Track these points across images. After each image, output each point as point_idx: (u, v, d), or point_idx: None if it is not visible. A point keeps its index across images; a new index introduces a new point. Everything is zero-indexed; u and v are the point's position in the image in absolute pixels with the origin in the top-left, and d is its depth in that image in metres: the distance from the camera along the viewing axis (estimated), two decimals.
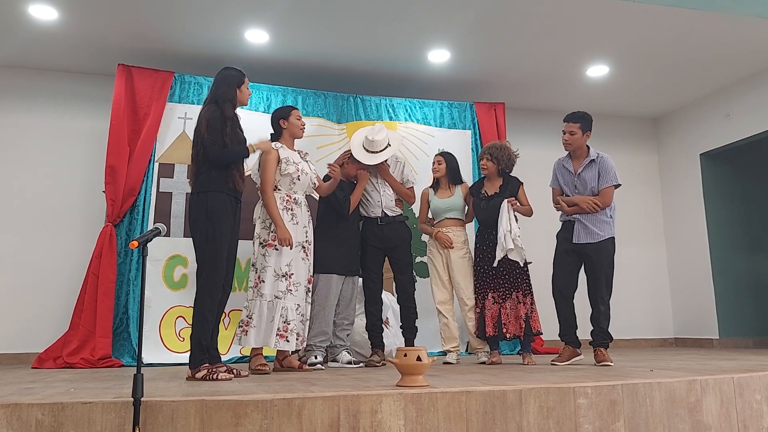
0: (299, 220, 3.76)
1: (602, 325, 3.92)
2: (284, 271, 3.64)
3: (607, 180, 3.98)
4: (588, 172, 4.03)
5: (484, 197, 4.30)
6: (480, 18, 4.78)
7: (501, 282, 4.14)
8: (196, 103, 5.11)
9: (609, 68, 5.76)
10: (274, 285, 3.61)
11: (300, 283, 3.70)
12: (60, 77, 5.47)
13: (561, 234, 4.13)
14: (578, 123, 4.03)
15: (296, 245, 3.71)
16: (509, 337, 4.08)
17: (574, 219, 4.01)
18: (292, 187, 3.79)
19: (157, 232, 2.52)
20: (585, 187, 4.03)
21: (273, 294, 3.60)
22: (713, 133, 6.42)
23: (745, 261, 6.47)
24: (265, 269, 3.62)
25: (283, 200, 3.74)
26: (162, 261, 4.81)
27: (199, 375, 3.11)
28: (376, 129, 4.30)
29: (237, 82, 3.48)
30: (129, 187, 4.84)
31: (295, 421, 2.27)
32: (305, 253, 3.77)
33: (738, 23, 4.90)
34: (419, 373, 2.67)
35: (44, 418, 2.14)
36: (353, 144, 4.34)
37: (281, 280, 3.63)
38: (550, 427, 2.52)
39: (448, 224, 4.40)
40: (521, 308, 4.09)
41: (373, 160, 4.28)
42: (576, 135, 4.02)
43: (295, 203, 3.78)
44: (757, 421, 2.88)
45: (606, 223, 3.99)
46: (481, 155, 4.39)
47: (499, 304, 4.12)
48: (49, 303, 5.02)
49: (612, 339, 3.96)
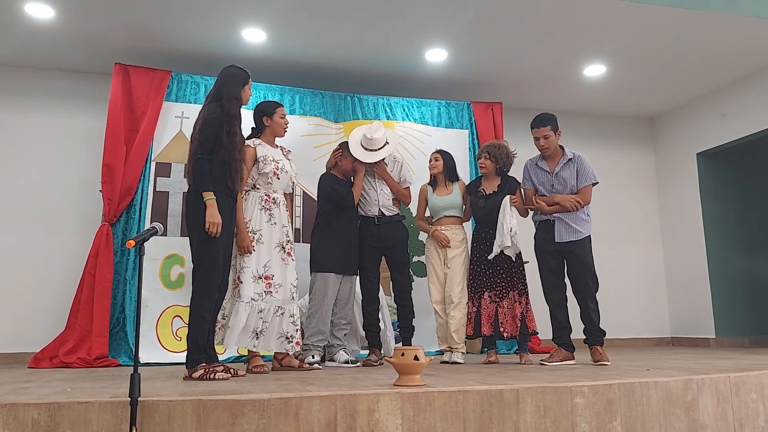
0: (278, 221, 3.70)
1: (594, 321, 3.93)
2: (261, 272, 3.58)
3: (586, 178, 4.03)
4: (566, 170, 4.07)
5: (482, 196, 4.30)
6: (477, 17, 4.79)
7: (498, 281, 4.14)
8: (193, 102, 5.11)
9: (606, 68, 5.77)
10: (251, 287, 3.54)
11: (282, 285, 3.63)
12: (57, 76, 5.45)
13: (540, 234, 4.15)
14: (548, 125, 4.08)
15: (275, 246, 3.66)
16: (506, 336, 4.08)
17: (554, 219, 4.04)
18: (271, 186, 3.72)
19: (153, 231, 2.51)
20: (564, 185, 4.06)
21: (250, 296, 3.53)
22: (709, 133, 6.43)
23: (742, 260, 6.49)
24: (243, 270, 3.56)
25: (261, 200, 3.68)
26: (159, 260, 4.80)
27: (196, 374, 3.10)
28: (374, 127, 4.30)
29: (242, 81, 3.46)
30: (126, 186, 4.83)
31: (292, 420, 2.27)
32: (286, 254, 3.70)
33: (734, 23, 4.91)
34: (416, 372, 2.67)
35: (40, 418, 2.13)
36: (351, 142, 4.34)
37: (258, 282, 3.56)
38: (547, 426, 2.52)
39: (446, 222, 4.39)
40: (517, 307, 4.10)
41: (372, 158, 4.28)
42: (550, 138, 4.07)
43: (274, 203, 3.71)
44: (752, 419, 2.89)
45: (585, 221, 4.04)
46: (480, 154, 4.39)
47: (496, 303, 4.12)
48: (46, 302, 5.01)
49: (605, 334, 3.97)
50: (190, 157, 3.31)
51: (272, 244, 3.65)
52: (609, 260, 6.32)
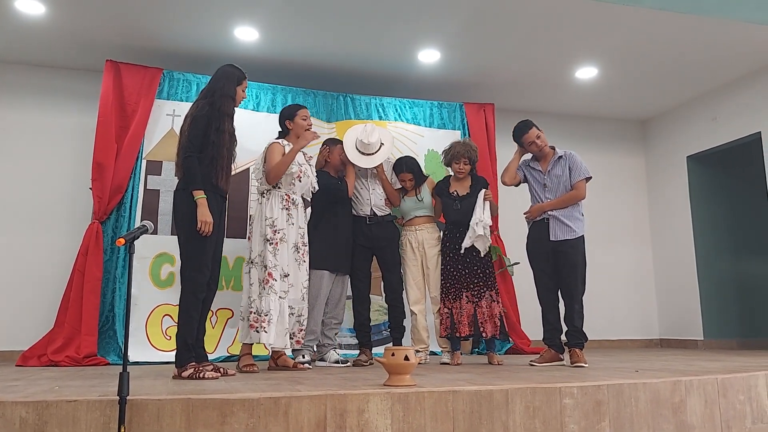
0: (295, 221, 3.78)
1: (577, 325, 3.93)
2: (284, 271, 3.66)
3: (579, 174, 4.06)
4: (558, 168, 4.11)
5: (456, 197, 4.26)
6: (470, 19, 4.80)
7: (474, 281, 4.11)
8: (184, 100, 5.08)
9: (598, 70, 5.80)
10: (279, 284, 3.61)
11: (294, 285, 3.71)
12: (47, 72, 5.41)
13: (533, 235, 4.16)
14: (532, 128, 4.16)
15: (291, 246, 3.72)
16: (486, 336, 4.05)
17: (548, 218, 4.06)
18: (292, 187, 3.78)
19: (144, 229, 2.50)
20: (557, 183, 4.09)
21: (279, 293, 3.61)
22: (699, 136, 6.48)
23: (730, 263, 6.54)
24: (276, 267, 3.61)
25: (282, 199, 3.75)
26: (149, 259, 4.78)
27: (186, 374, 3.09)
28: (368, 130, 4.29)
29: (237, 80, 3.46)
30: (116, 184, 4.80)
31: (281, 420, 2.27)
32: (300, 254, 3.78)
33: (725, 27, 4.95)
34: (406, 372, 2.67)
35: (28, 416, 2.11)
36: (347, 148, 4.32)
37: (283, 280, 3.65)
38: (536, 426, 2.53)
39: (419, 222, 4.37)
40: (495, 307, 4.08)
41: (371, 163, 4.29)
42: (542, 136, 4.16)
43: (293, 204, 3.79)
44: (740, 421, 2.92)
45: (579, 220, 4.06)
46: (458, 158, 4.27)
47: (474, 303, 4.09)
48: (34, 300, 4.97)
49: (587, 339, 3.96)
50: (179, 152, 3.30)
51: (289, 244, 3.71)
52: (598, 261, 6.35)
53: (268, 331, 3.52)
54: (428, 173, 4.73)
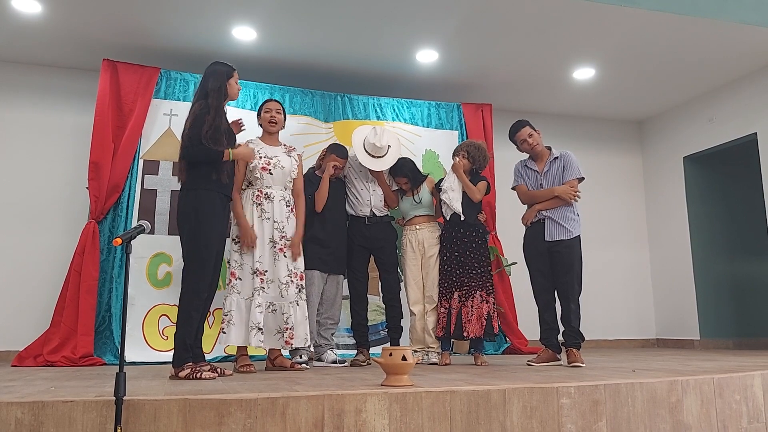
0: (270, 216, 3.70)
1: (574, 325, 3.93)
2: (256, 267, 3.63)
3: (571, 173, 4.08)
4: (553, 168, 4.14)
5: None
6: (468, 19, 4.80)
7: (466, 280, 4.08)
8: (182, 100, 5.08)
9: (595, 71, 5.81)
10: (249, 281, 3.60)
11: (273, 281, 3.64)
12: (44, 71, 5.40)
13: (530, 236, 4.17)
14: (525, 126, 4.18)
15: (267, 241, 3.67)
16: (466, 336, 4.02)
17: (544, 218, 4.07)
18: (263, 181, 3.72)
19: (141, 229, 2.50)
20: (553, 183, 4.11)
21: (249, 291, 3.59)
22: (696, 136, 6.50)
23: (726, 263, 6.56)
24: (242, 266, 3.62)
25: (253, 195, 3.71)
26: (146, 259, 4.77)
27: (183, 374, 3.08)
28: (378, 132, 4.26)
29: (226, 75, 3.45)
30: (113, 183, 4.79)
31: (279, 420, 2.26)
32: (278, 250, 3.69)
33: (722, 28, 4.96)
34: (404, 372, 2.67)
35: (24, 417, 2.11)
36: (356, 149, 4.30)
37: (254, 277, 3.62)
38: (533, 426, 2.54)
39: (419, 221, 4.34)
40: (484, 307, 4.05)
41: (382, 166, 4.28)
42: (534, 135, 4.17)
43: (267, 198, 3.71)
44: (736, 421, 2.92)
45: (575, 220, 4.06)
46: (457, 151, 4.30)
47: (462, 302, 4.07)
48: (30, 300, 4.96)
49: (584, 339, 3.97)
50: (181, 155, 3.29)
51: (264, 239, 3.66)
52: (596, 261, 6.34)
53: (227, 332, 3.54)
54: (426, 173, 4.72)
